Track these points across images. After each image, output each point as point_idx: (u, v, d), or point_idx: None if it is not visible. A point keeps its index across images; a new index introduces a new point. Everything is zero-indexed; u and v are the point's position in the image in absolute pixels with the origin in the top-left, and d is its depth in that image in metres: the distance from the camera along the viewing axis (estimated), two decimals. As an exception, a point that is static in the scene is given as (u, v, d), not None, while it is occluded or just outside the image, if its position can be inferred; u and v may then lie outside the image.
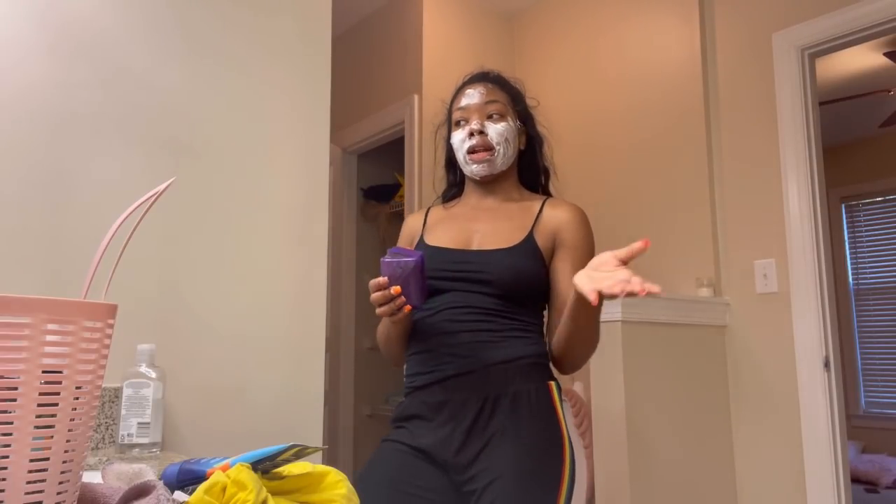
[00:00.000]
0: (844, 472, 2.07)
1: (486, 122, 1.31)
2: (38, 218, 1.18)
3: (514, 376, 1.18)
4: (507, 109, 1.33)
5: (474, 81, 1.38)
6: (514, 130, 1.33)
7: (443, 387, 1.19)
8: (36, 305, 0.47)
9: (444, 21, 2.95)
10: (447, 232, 1.32)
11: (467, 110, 1.33)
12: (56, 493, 0.49)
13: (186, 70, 1.39)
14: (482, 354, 1.18)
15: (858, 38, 2.17)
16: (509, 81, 1.41)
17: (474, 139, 1.30)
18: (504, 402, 1.16)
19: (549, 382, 1.22)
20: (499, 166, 1.31)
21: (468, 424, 1.15)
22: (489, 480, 1.10)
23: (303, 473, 0.64)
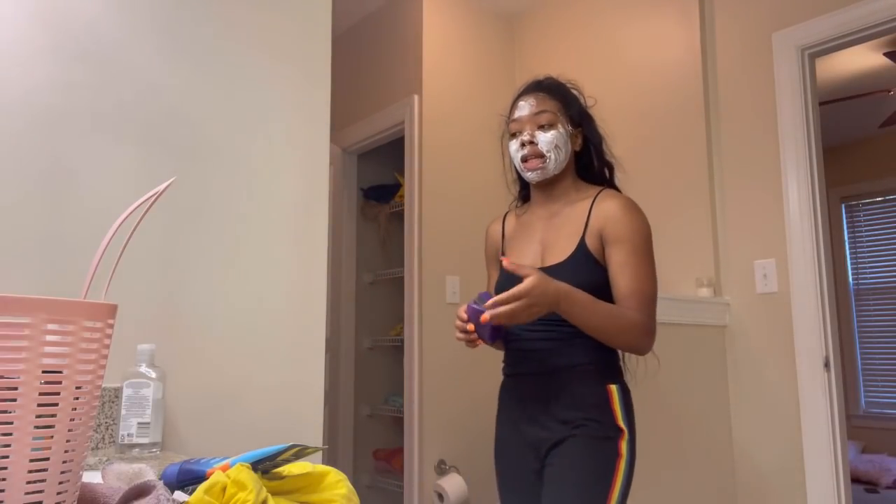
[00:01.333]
0: (844, 472, 2.07)
1: (537, 132, 1.40)
2: (38, 218, 1.18)
3: (574, 379, 1.34)
4: (557, 118, 1.42)
5: (527, 93, 1.47)
6: (564, 136, 1.42)
7: (516, 381, 1.44)
8: (36, 305, 0.47)
9: (444, 21, 2.94)
10: (520, 250, 1.47)
11: (520, 122, 1.43)
12: (56, 493, 0.49)
13: (187, 70, 1.39)
14: (548, 360, 1.36)
15: (858, 38, 2.17)
16: (562, 87, 1.49)
17: (525, 149, 1.41)
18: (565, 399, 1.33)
19: (609, 385, 1.34)
20: (551, 171, 1.41)
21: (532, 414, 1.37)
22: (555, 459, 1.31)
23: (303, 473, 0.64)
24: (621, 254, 1.34)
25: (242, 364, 1.40)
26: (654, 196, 2.52)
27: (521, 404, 1.41)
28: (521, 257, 1.46)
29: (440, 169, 2.80)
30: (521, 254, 1.46)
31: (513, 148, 1.45)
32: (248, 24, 1.50)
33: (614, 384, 1.35)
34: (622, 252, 1.34)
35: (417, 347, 2.61)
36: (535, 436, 1.36)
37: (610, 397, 1.33)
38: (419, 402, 2.58)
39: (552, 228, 1.44)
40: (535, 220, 1.49)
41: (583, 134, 1.48)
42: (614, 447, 1.30)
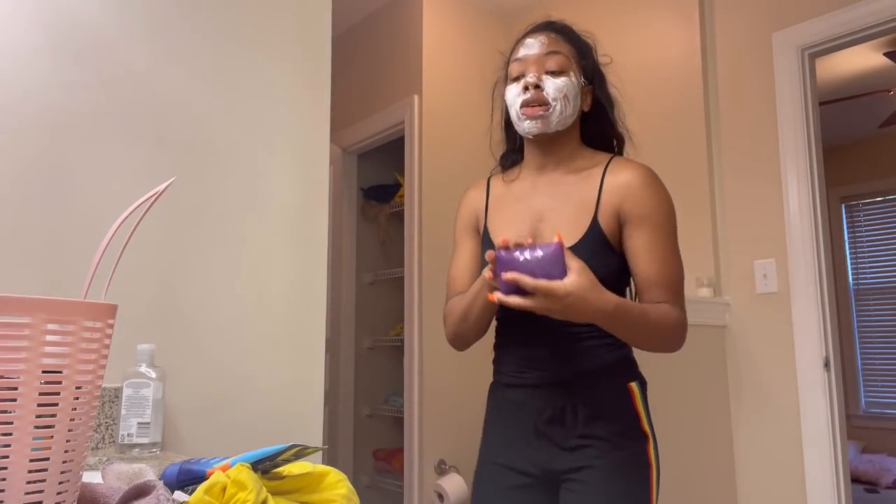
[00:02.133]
0: (844, 472, 2.07)
1: (545, 76, 1.17)
2: (38, 218, 1.18)
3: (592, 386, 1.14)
4: (569, 63, 1.20)
5: (537, 30, 1.25)
6: (575, 87, 1.18)
7: (525, 392, 1.17)
8: (36, 305, 0.47)
9: (444, 21, 2.94)
10: (510, 222, 1.21)
11: (525, 62, 1.20)
12: (56, 493, 0.49)
13: (186, 70, 1.39)
14: (560, 368, 1.14)
15: (858, 38, 2.17)
16: (577, 33, 1.28)
17: (529, 93, 1.17)
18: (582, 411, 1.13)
19: (630, 384, 1.17)
20: (554, 124, 1.17)
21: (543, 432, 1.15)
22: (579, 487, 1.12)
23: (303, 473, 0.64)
24: (646, 234, 1.11)
25: (242, 364, 1.40)
26: (654, 196, 2.52)
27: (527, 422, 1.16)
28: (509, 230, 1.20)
29: (440, 169, 2.80)
30: (511, 227, 1.20)
31: (512, 93, 1.20)
32: (248, 23, 1.50)
33: (633, 381, 1.18)
34: (647, 232, 1.11)
35: (417, 347, 2.61)
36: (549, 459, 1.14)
37: (633, 398, 1.16)
38: (419, 402, 2.58)
39: (553, 199, 1.19)
40: (530, 188, 1.23)
41: (593, 93, 1.26)
42: (644, 459, 1.15)
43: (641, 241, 1.12)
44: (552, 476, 1.15)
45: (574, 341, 1.14)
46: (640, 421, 1.16)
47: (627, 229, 1.13)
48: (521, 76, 1.19)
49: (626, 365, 1.20)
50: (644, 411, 1.18)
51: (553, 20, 1.29)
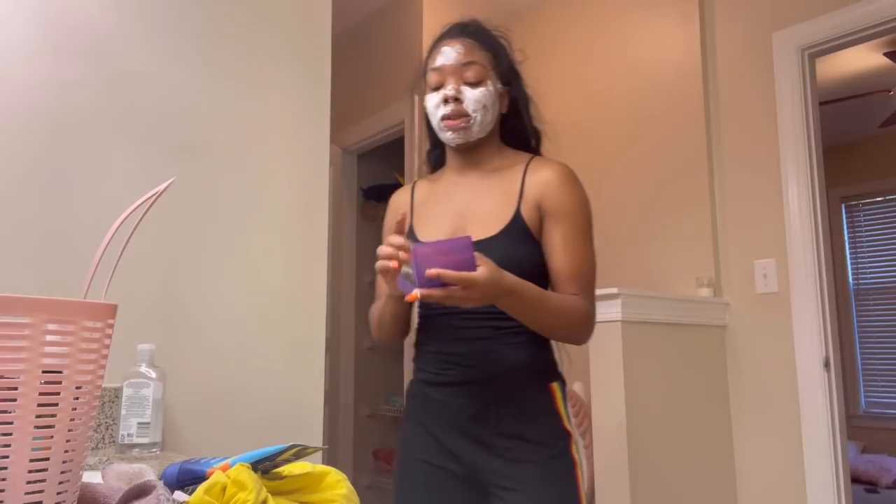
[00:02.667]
0: (844, 472, 2.07)
1: (463, 88, 1.18)
2: (38, 218, 1.18)
3: (515, 385, 1.15)
4: (487, 72, 1.20)
5: (451, 36, 1.25)
6: (493, 95, 1.20)
7: (447, 390, 1.18)
8: (36, 305, 0.47)
9: (444, 21, 2.94)
10: (435, 221, 1.23)
11: (442, 72, 1.20)
12: (56, 493, 0.49)
13: (187, 70, 1.39)
14: (483, 364, 1.15)
15: (858, 38, 2.17)
16: (492, 34, 1.27)
17: (449, 106, 1.17)
18: (505, 410, 1.14)
19: (551, 384, 1.18)
20: (475, 134, 1.20)
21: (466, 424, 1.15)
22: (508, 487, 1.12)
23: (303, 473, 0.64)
24: (563, 229, 1.15)
25: (242, 364, 1.40)
26: (654, 196, 2.52)
27: (450, 420, 1.16)
28: (434, 228, 1.22)
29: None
30: (436, 224, 1.22)
31: (431, 103, 1.21)
32: (248, 23, 1.49)
33: (555, 381, 1.19)
34: (564, 227, 1.15)
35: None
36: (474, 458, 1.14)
37: (554, 398, 1.18)
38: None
39: (477, 197, 1.21)
40: (453, 188, 1.26)
41: (510, 94, 1.26)
42: (569, 458, 1.15)
43: (558, 236, 1.15)
44: (477, 474, 1.15)
45: (496, 339, 1.15)
46: (562, 421, 1.17)
47: (548, 222, 1.16)
48: (440, 86, 1.20)
49: (548, 365, 1.21)
50: (565, 411, 1.19)
51: (467, 22, 1.28)
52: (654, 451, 1.96)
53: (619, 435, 1.88)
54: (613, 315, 1.93)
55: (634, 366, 1.95)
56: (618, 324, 1.93)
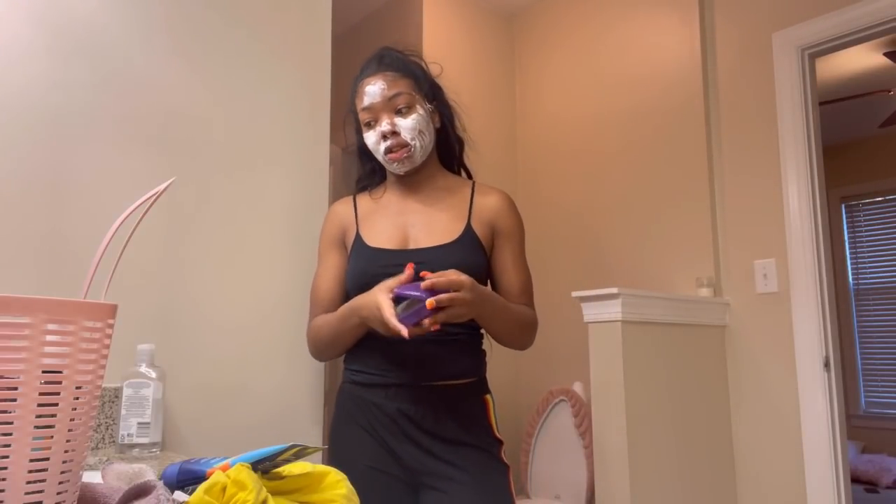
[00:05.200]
0: (844, 472, 2.07)
1: (396, 119, 1.23)
2: (37, 218, 1.18)
3: (457, 392, 1.21)
4: (413, 98, 1.25)
5: (371, 73, 1.28)
6: (425, 118, 1.26)
7: (387, 392, 1.21)
8: (36, 305, 0.47)
9: (444, 21, 2.94)
10: (385, 229, 1.28)
11: (373, 110, 1.25)
12: (56, 493, 0.49)
13: (186, 70, 1.39)
14: (425, 370, 1.19)
15: (858, 38, 2.17)
16: (407, 60, 1.31)
17: (388, 141, 1.24)
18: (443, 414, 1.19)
19: (485, 396, 1.26)
20: (419, 159, 1.26)
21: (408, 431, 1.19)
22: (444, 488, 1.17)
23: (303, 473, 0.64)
24: (512, 249, 1.28)
25: (242, 364, 1.40)
26: (654, 196, 2.52)
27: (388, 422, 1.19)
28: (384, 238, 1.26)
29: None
30: (388, 234, 1.27)
31: (371, 140, 1.26)
32: (247, 23, 1.49)
33: (488, 394, 1.27)
34: (513, 247, 1.28)
35: (417, 347, 2.61)
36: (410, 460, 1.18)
37: (487, 409, 1.25)
38: (419, 402, 2.57)
39: (425, 208, 1.28)
40: (401, 203, 1.31)
41: (438, 109, 1.32)
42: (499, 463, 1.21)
43: (508, 255, 1.28)
44: (416, 476, 1.19)
45: (440, 344, 1.20)
46: (493, 431, 1.25)
47: (500, 241, 1.28)
48: (374, 122, 1.26)
49: (482, 377, 1.29)
50: (496, 421, 1.27)
51: (382, 55, 1.31)
52: (654, 451, 1.96)
53: (619, 435, 1.89)
54: (613, 315, 1.93)
55: (634, 366, 1.95)
56: (618, 324, 1.93)
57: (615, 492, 1.87)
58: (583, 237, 2.77)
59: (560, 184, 2.90)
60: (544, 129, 3.02)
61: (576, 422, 2.42)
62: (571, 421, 2.45)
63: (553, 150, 2.97)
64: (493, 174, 3.01)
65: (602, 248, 2.69)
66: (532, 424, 2.60)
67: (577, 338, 2.71)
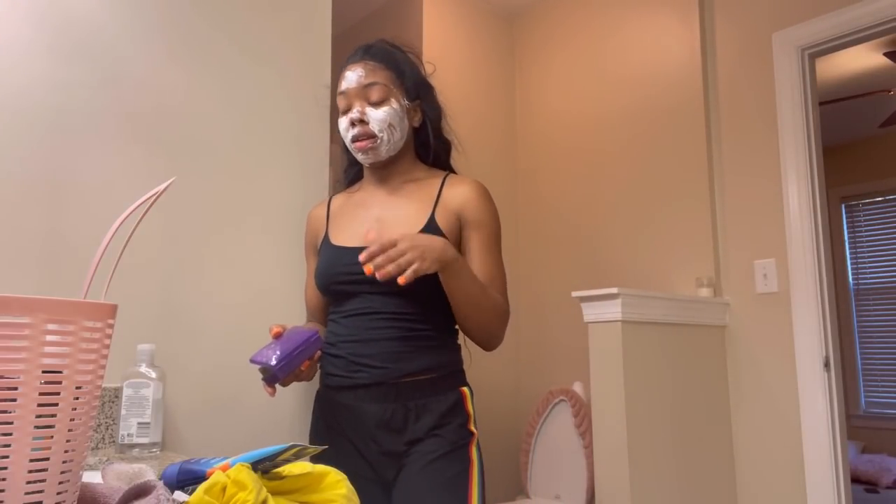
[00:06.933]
0: (844, 472, 2.07)
1: (368, 109, 1.22)
2: (37, 218, 1.18)
3: (425, 388, 1.17)
4: (390, 90, 1.23)
5: (355, 60, 1.26)
6: (398, 113, 1.23)
7: (356, 394, 1.18)
8: (36, 305, 0.47)
9: (444, 21, 2.94)
10: (349, 226, 1.28)
11: (348, 96, 1.24)
12: (56, 493, 0.49)
13: (186, 70, 1.39)
14: (393, 367, 1.16)
15: (858, 38, 2.17)
16: (395, 53, 1.29)
17: (356, 128, 1.23)
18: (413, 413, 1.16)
19: (462, 389, 1.22)
20: (384, 153, 1.24)
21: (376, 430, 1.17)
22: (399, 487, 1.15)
23: (303, 473, 0.64)
24: (482, 238, 1.23)
25: (243, 364, 1.40)
26: (654, 196, 2.52)
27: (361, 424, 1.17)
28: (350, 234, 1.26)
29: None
30: (352, 231, 1.26)
31: (342, 126, 1.26)
32: (247, 23, 1.49)
33: (466, 386, 1.24)
34: (483, 237, 1.23)
35: (417, 347, 2.61)
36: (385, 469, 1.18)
37: (465, 400, 1.21)
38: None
39: (392, 205, 1.26)
40: (370, 198, 1.31)
41: (422, 108, 1.30)
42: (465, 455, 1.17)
43: (479, 244, 1.23)
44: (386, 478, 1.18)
45: (408, 340, 1.17)
46: (469, 422, 1.21)
47: (468, 232, 1.24)
48: (347, 109, 1.25)
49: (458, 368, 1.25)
50: (474, 413, 1.23)
51: (371, 44, 1.29)
52: (654, 451, 1.96)
53: (619, 435, 1.88)
54: (613, 315, 1.93)
55: (634, 366, 1.95)
56: (618, 324, 1.93)
57: (615, 492, 1.87)
58: (583, 237, 2.77)
59: (560, 184, 2.90)
60: (544, 129, 3.02)
61: (576, 422, 2.42)
62: (571, 421, 2.45)
63: (553, 150, 2.97)
64: (493, 174, 3.01)
65: (602, 248, 2.69)
66: (532, 424, 2.60)
67: (577, 338, 2.71)
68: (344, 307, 1.23)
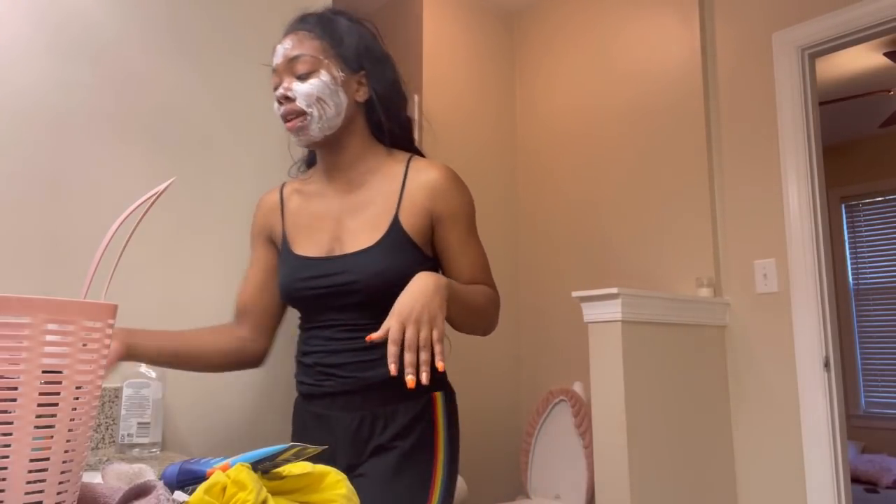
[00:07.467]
0: (844, 472, 2.07)
1: (294, 84, 1.09)
2: (37, 218, 1.18)
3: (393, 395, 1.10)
4: (319, 61, 1.09)
5: (287, 32, 1.14)
6: (330, 85, 1.09)
7: (325, 403, 1.14)
8: (36, 305, 0.47)
9: (444, 21, 2.94)
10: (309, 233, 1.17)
11: (277, 72, 1.12)
12: (56, 493, 0.49)
13: (186, 69, 1.39)
14: (360, 375, 1.10)
15: (858, 38, 2.17)
16: (338, 21, 1.15)
17: (283, 106, 1.11)
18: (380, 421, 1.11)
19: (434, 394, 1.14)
20: (316, 132, 1.10)
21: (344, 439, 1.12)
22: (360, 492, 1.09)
23: (303, 473, 0.64)
24: (459, 232, 1.14)
25: (242, 364, 1.40)
26: (654, 196, 2.52)
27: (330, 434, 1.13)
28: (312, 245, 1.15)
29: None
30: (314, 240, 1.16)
31: (275, 107, 1.14)
32: (248, 23, 1.49)
33: (439, 391, 1.15)
34: (459, 230, 1.14)
35: (417, 347, 2.61)
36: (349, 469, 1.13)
37: (434, 408, 1.13)
38: (419, 402, 2.58)
39: (350, 205, 1.15)
40: (325, 192, 1.18)
41: (367, 80, 1.15)
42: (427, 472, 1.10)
43: (455, 240, 1.14)
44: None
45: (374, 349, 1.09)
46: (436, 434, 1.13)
47: (442, 227, 1.14)
48: (277, 87, 1.13)
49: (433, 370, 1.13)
50: (444, 423, 1.14)
51: (307, 13, 1.16)
52: (654, 451, 1.96)
53: (619, 435, 1.89)
54: (613, 315, 1.93)
55: (634, 366, 1.95)
56: (618, 324, 1.93)
57: (615, 492, 1.87)
58: (583, 237, 2.77)
59: (560, 184, 2.90)
60: (544, 129, 3.02)
61: (576, 422, 2.42)
62: (571, 421, 2.45)
63: (553, 150, 2.97)
64: (493, 174, 3.01)
65: (602, 248, 2.69)
66: (532, 424, 2.60)
67: (577, 338, 2.71)
68: (310, 319, 1.17)
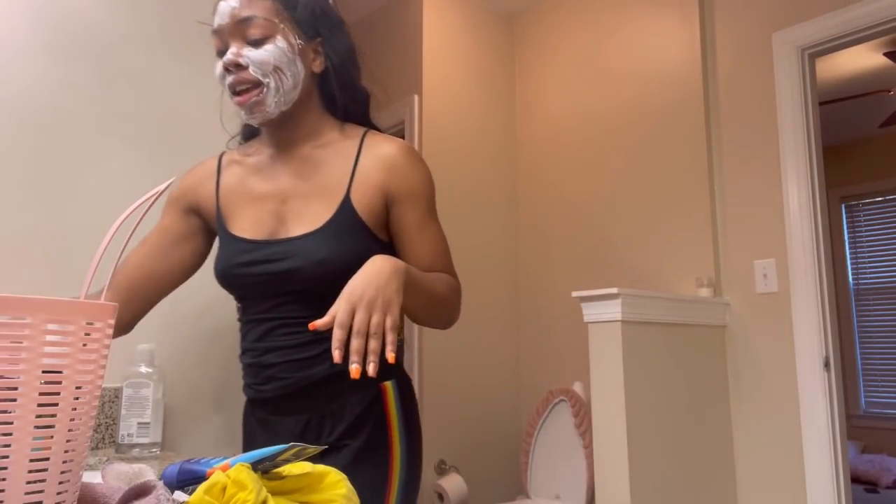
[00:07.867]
0: (844, 472, 2.07)
1: (246, 50, 0.97)
2: (37, 218, 1.18)
3: (337, 390, 1.01)
4: (274, 25, 0.97)
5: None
6: (288, 53, 0.98)
7: (265, 407, 1.05)
8: (36, 305, 0.47)
9: (444, 21, 2.94)
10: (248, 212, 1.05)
11: (221, 34, 0.99)
12: (56, 493, 0.49)
13: (186, 69, 1.39)
14: (301, 375, 1.00)
15: (858, 38, 2.17)
16: None
17: (232, 75, 0.98)
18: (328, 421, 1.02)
19: (383, 384, 1.04)
20: (274, 106, 0.99)
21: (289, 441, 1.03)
22: None
23: (303, 473, 0.64)
24: (417, 213, 1.04)
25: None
26: (654, 196, 2.52)
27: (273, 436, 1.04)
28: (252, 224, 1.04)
29: (440, 169, 2.80)
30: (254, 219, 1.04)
31: (217, 73, 1.01)
32: (248, 24, 1.49)
33: (389, 380, 1.04)
34: (418, 211, 1.04)
35: (417, 348, 2.61)
36: None
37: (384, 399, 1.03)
38: (419, 402, 2.58)
39: (299, 180, 1.04)
40: (270, 168, 1.06)
41: (323, 48, 1.05)
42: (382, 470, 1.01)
43: (415, 220, 1.05)
44: None
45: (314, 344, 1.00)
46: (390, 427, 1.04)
47: (399, 208, 1.04)
48: (222, 52, 1.00)
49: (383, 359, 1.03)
50: (397, 415, 1.05)
51: None
52: (654, 451, 1.96)
53: (619, 435, 1.89)
54: (613, 315, 1.93)
55: (634, 366, 1.95)
56: (617, 324, 1.93)
57: (615, 492, 1.87)
58: (583, 237, 2.77)
59: (560, 184, 2.90)
60: (544, 129, 3.02)
61: (576, 422, 2.42)
62: (571, 421, 2.45)
63: (553, 150, 2.97)
64: (493, 174, 3.01)
65: (602, 248, 2.69)
66: (532, 424, 2.60)
67: (577, 338, 2.71)
68: (246, 311, 1.06)
